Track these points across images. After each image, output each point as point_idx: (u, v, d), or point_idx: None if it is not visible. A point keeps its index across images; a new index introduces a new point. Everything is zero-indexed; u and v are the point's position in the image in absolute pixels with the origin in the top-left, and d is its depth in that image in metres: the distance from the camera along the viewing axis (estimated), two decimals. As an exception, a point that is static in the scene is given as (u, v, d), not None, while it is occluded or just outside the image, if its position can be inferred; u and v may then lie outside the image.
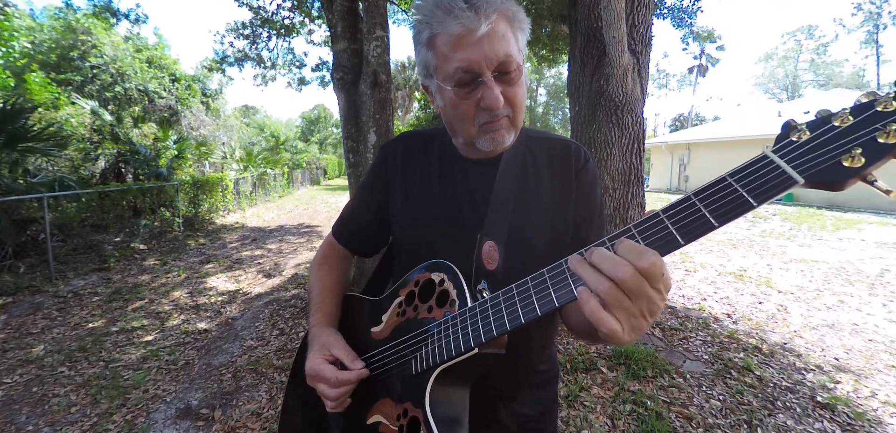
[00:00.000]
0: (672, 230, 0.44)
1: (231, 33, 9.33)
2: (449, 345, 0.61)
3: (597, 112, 3.62)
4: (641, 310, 0.44)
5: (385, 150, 0.88)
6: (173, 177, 9.31)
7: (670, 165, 19.09)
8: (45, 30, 12.40)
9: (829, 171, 0.39)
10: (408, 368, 0.67)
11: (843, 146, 0.39)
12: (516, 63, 0.66)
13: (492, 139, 0.69)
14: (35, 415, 2.54)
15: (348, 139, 4.04)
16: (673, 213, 0.45)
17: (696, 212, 0.43)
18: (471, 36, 0.62)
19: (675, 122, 41.04)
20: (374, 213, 0.87)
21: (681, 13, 7.14)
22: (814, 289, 4.70)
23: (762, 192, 0.40)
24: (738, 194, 0.41)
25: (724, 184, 0.43)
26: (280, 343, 3.50)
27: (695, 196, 0.44)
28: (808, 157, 0.40)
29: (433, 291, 0.68)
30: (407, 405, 0.65)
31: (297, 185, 21.14)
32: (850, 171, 0.38)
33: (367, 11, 3.65)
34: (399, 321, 0.73)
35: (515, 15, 0.66)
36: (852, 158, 0.38)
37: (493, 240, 0.70)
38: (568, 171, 0.78)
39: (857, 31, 34.42)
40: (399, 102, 29.26)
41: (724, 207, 0.41)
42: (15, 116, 5.75)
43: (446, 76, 0.66)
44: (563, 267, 0.51)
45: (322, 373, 0.71)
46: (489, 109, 0.66)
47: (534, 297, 0.52)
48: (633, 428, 2.30)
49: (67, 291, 4.86)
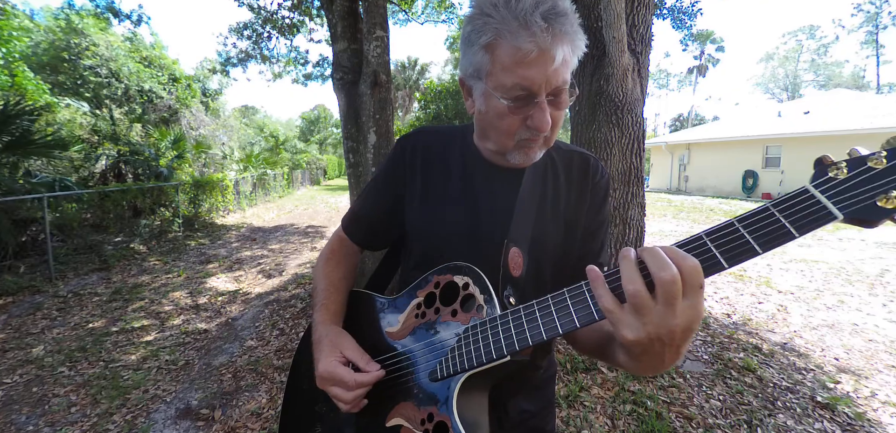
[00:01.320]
0: (716, 253, 0.46)
1: (234, 34, 9.34)
2: (479, 351, 0.61)
3: (597, 112, 3.62)
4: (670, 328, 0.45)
5: (402, 145, 0.85)
6: (173, 177, 9.31)
7: (670, 165, 19.09)
8: (41, 30, 12.40)
9: (866, 209, 0.42)
10: (432, 373, 0.67)
11: (880, 187, 0.42)
12: (568, 88, 0.65)
13: (526, 155, 0.69)
14: (35, 416, 2.54)
15: (348, 139, 4.04)
16: (717, 236, 0.47)
17: (739, 237, 0.46)
18: (541, 57, 0.59)
19: (675, 122, 41.05)
20: (388, 208, 0.85)
21: (680, 14, 7.14)
22: (814, 290, 4.70)
23: (804, 224, 0.43)
24: (781, 224, 0.44)
25: (767, 213, 0.46)
26: (280, 343, 3.50)
27: (739, 222, 0.46)
28: (847, 195, 0.43)
29: (456, 294, 0.68)
30: (432, 409, 0.65)
31: (297, 185, 21.13)
32: (884, 211, 0.41)
33: (367, 11, 3.65)
34: (418, 323, 0.72)
35: (577, 38, 0.63)
36: (887, 199, 0.41)
37: (519, 247, 0.71)
38: (585, 182, 0.79)
39: (857, 32, 34.44)
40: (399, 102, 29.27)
41: (769, 235, 0.44)
42: (16, 118, 5.75)
43: (501, 87, 0.63)
44: (582, 289, 0.53)
45: (338, 375, 0.69)
46: (536, 129, 0.64)
47: (571, 309, 0.53)
48: (633, 428, 2.30)
49: (67, 291, 4.86)
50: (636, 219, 3.73)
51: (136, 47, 13.89)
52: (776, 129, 14.90)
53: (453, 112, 10.63)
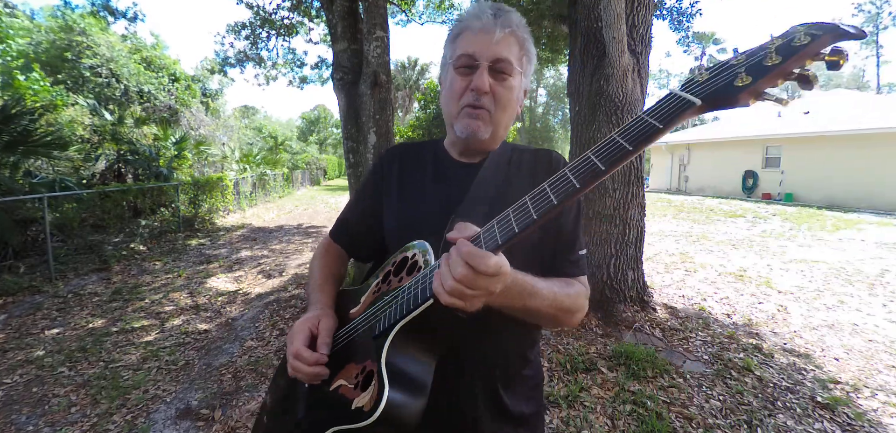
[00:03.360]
0: (595, 160, 0.52)
1: (231, 34, 9.34)
2: (408, 300, 0.64)
3: (597, 112, 3.62)
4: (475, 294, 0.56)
5: (382, 158, 0.96)
6: (173, 177, 9.31)
7: (670, 165, 19.09)
8: (42, 30, 12.40)
9: (723, 90, 0.47)
10: (372, 331, 0.70)
11: (734, 71, 0.47)
12: (511, 68, 0.78)
13: (467, 125, 0.79)
14: (35, 416, 2.54)
15: (348, 139, 4.04)
16: (597, 148, 0.53)
17: (616, 143, 0.51)
18: (484, 35, 0.77)
19: (674, 122, 40.98)
20: (370, 217, 0.93)
21: (679, 16, 7.13)
22: (814, 290, 4.70)
23: (668, 116, 0.49)
24: (648, 123, 0.50)
25: (638, 119, 0.51)
26: (280, 343, 3.50)
27: (616, 133, 0.52)
28: (705, 85, 0.49)
29: (405, 265, 0.73)
30: (366, 362, 0.68)
31: (297, 185, 21.13)
32: (741, 87, 0.46)
33: (367, 12, 3.65)
34: (374, 298, 0.77)
35: (526, 43, 0.81)
36: (741, 79, 0.46)
37: (469, 220, 0.72)
38: (545, 170, 0.84)
39: (857, 32, 34.38)
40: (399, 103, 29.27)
41: (639, 135, 0.50)
42: (16, 119, 5.75)
43: (454, 60, 0.79)
44: (508, 214, 0.59)
45: (295, 337, 0.75)
46: (476, 90, 0.77)
47: (482, 243, 0.59)
48: (633, 428, 2.30)
49: (67, 291, 4.86)
50: (636, 219, 3.74)
51: (137, 48, 13.89)
52: (776, 129, 14.88)
53: (453, 112, 10.60)
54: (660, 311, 3.87)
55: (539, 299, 0.69)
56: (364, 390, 0.64)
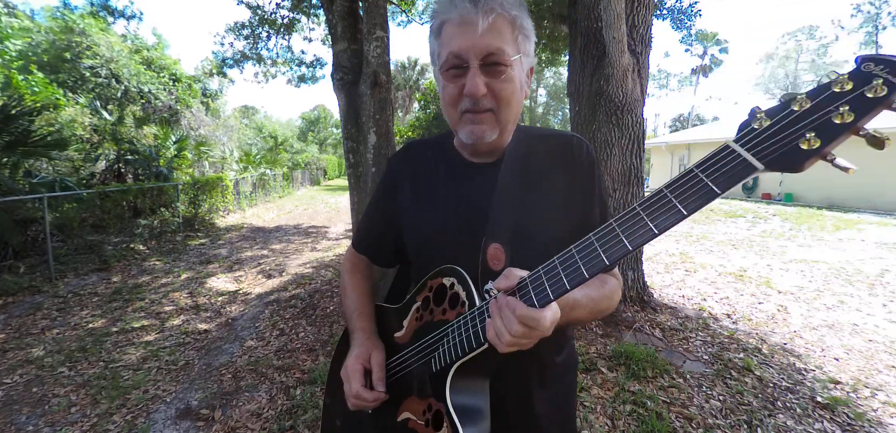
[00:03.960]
0: (647, 221, 0.48)
1: (230, 33, 9.33)
2: (462, 342, 0.66)
3: (597, 112, 3.62)
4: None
5: (391, 163, 0.93)
6: (173, 177, 9.31)
7: (670, 166, 19.09)
8: (42, 30, 12.40)
9: (788, 155, 0.41)
10: (428, 367, 0.72)
11: (799, 131, 0.41)
12: (506, 58, 0.68)
13: (471, 132, 0.72)
14: (35, 416, 2.54)
15: (348, 140, 4.04)
16: (648, 205, 0.49)
17: (667, 202, 0.47)
18: (466, 26, 0.66)
19: (675, 122, 41.06)
20: (388, 224, 0.91)
21: (680, 15, 7.13)
22: (814, 290, 4.70)
23: (726, 179, 0.43)
24: (704, 184, 0.45)
25: (691, 175, 0.46)
26: (280, 343, 3.50)
27: (666, 188, 0.48)
28: (766, 144, 0.43)
29: (445, 295, 0.73)
30: (430, 400, 0.71)
31: (297, 185, 21.14)
32: (808, 153, 0.40)
33: (367, 12, 3.65)
34: (418, 325, 0.78)
35: (518, 19, 0.69)
36: (808, 141, 0.40)
37: (498, 242, 0.72)
38: (569, 163, 0.80)
39: (856, 33, 34.43)
40: (399, 103, 29.26)
41: (692, 197, 0.45)
42: (16, 118, 5.75)
43: (442, 63, 0.70)
44: (555, 263, 0.57)
45: (352, 379, 0.78)
46: (470, 96, 0.68)
47: (531, 294, 0.58)
48: (633, 428, 2.30)
49: (67, 291, 4.86)
50: (636, 219, 3.73)
51: (138, 48, 13.88)
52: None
53: (453, 112, 10.59)
54: (660, 311, 3.87)
55: (579, 310, 0.70)
56: (436, 429, 0.68)
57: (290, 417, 2.48)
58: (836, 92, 0.40)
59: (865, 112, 0.37)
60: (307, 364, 3.12)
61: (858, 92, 0.38)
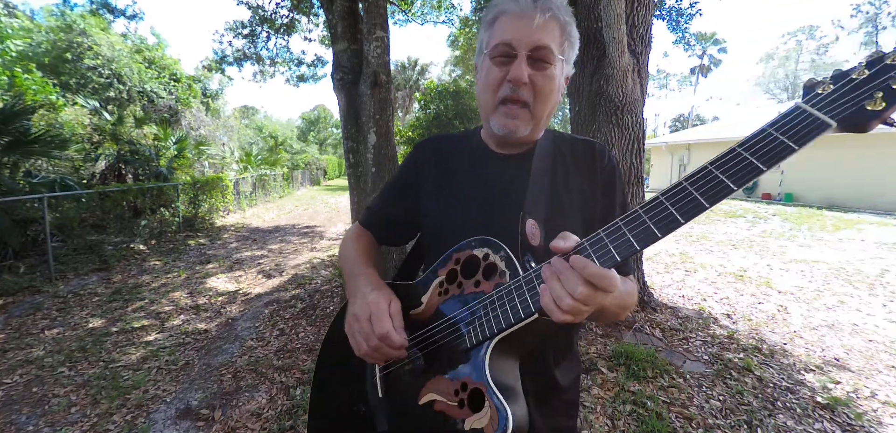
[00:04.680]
0: (723, 178, 0.49)
1: (230, 33, 9.34)
2: (506, 313, 0.62)
3: (597, 112, 3.63)
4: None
5: (418, 151, 0.92)
6: (173, 177, 9.31)
7: (670, 166, 19.08)
8: (42, 31, 12.40)
9: (856, 114, 0.44)
10: (461, 342, 0.67)
11: (866, 92, 0.44)
12: (552, 56, 0.72)
13: (505, 124, 0.75)
14: (35, 416, 2.54)
15: (348, 140, 4.04)
16: (721, 163, 0.50)
17: (744, 160, 0.48)
18: (522, 19, 0.71)
19: (675, 122, 41.05)
20: (404, 211, 0.91)
21: (677, 16, 7.13)
22: (814, 290, 4.70)
23: (802, 136, 0.45)
24: (780, 141, 0.46)
25: (765, 134, 0.48)
26: (280, 343, 3.50)
27: (740, 146, 0.49)
28: (837, 104, 0.45)
29: (477, 267, 0.69)
30: (465, 379, 0.65)
31: (297, 185, 21.14)
32: (873, 113, 0.43)
33: (367, 12, 3.65)
34: (442, 300, 0.73)
35: (568, 26, 0.74)
36: (874, 102, 0.43)
37: (534, 219, 0.72)
38: (593, 167, 0.82)
39: (856, 33, 34.42)
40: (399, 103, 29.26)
41: (770, 153, 0.46)
42: (16, 118, 5.75)
43: (491, 49, 0.74)
44: (600, 235, 0.56)
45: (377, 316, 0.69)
46: (513, 81, 0.71)
47: (593, 257, 0.55)
48: (633, 428, 2.30)
49: (67, 291, 4.86)
50: (636, 219, 3.73)
51: (139, 48, 13.88)
52: (776, 130, 14.89)
53: (453, 112, 10.59)
54: (660, 311, 3.87)
55: (612, 297, 0.69)
56: (473, 410, 0.62)
57: (290, 417, 2.48)
58: (890, 63, 0.45)
59: None
60: (307, 364, 3.12)
61: None
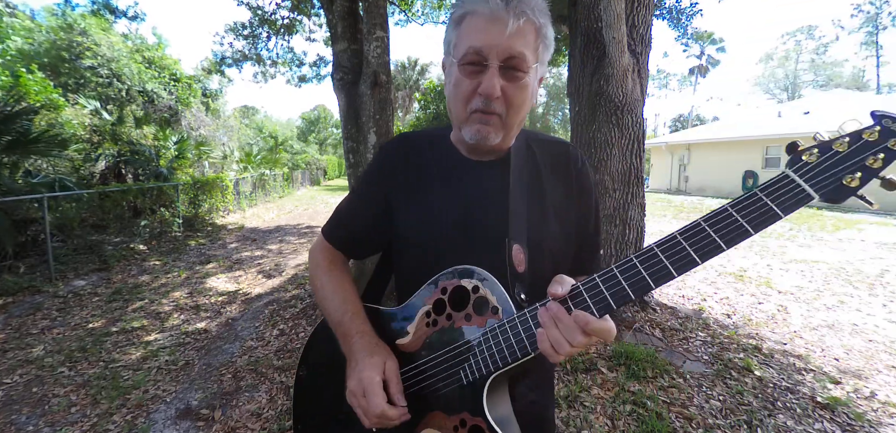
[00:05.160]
0: (715, 237, 0.52)
1: (230, 33, 9.33)
2: (502, 352, 0.63)
3: (597, 112, 3.62)
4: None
5: (384, 153, 0.85)
6: (173, 177, 9.31)
7: (670, 166, 19.08)
8: (43, 30, 12.40)
9: (837, 190, 0.48)
10: (456, 379, 0.67)
11: (846, 169, 0.48)
12: (526, 65, 0.67)
13: (477, 131, 0.70)
14: (35, 416, 2.54)
15: (348, 139, 4.04)
16: (714, 221, 0.53)
17: (734, 221, 0.51)
18: (494, 24, 0.64)
19: (675, 122, 41.04)
20: (372, 217, 0.84)
21: (678, 15, 7.12)
22: (814, 290, 4.70)
23: (789, 205, 0.49)
24: (768, 207, 0.50)
25: (756, 198, 0.51)
26: (280, 343, 3.50)
27: (731, 207, 0.52)
28: (820, 177, 0.49)
29: (467, 299, 0.67)
30: (463, 415, 0.66)
31: (297, 185, 21.13)
32: (849, 189, 0.47)
33: (367, 12, 3.65)
34: (430, 332, 0.71)
35: (543, 29, 0.68)
36: (852, 179, 0.47)
37: (519, 243, 0.70)
38: (568, 172, 0.80)
39: (857, 33, 34.42)
40: (399, 103, 29.27)
41: (759, 217, 0.50)
42: (16, 118, 5.75)
43: (459, 55, 0.68)
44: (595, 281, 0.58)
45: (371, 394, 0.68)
46: (485, 95, 0.66)
47: (589, 303, 0.58)
48: (633, 428, 2.30)
49: (67, 291, 4.86)
50: (636, 219, 3.74)
51: (139, 47, 13.89)
52: (776, 130, 14.89)
53: (453, 112, 10.59)
54: (660, 311, 3.87)
55: None
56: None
57: (290, 417, 2.48)
58: (867, 140, 0.48)
59: (891, 160, 0.46)
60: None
61: (885, 143, 0.47)
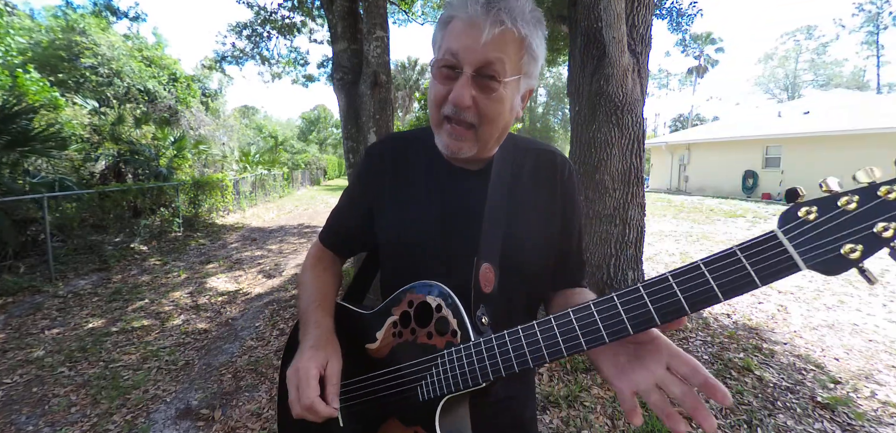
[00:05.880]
0: (681, 298, 0.46)
1: (232, 33, 9.33)
2: (456, 378, 0.63)
3: (597, 112, 3.62)
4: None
5: (371, 154, 0.85)
6: (173, 177, 9.31)
7: (670, 165, 19.08)
8: (43, 30, 12.40)
9: (831, 261, 0.40)
10: (414, 394, 0.68)
11: (847, 237, 0.40)
12: (501, 75, 0.63)
13: (448, 145, 0.69)
14: (35, 416, 2.54)
15: (348, 139, 4.04)
16: (682, 279, 0.47)
17: (704, 282, 0.45)
18: (471, 29, 0.62)
19: (675, 122, 41.05)
20: (361, 217, 0.84)
21: (678, 17, 7.12)
22: (814, 290, 4.70)
23: (769, 274, 0.42)
24: (746, 272, 0.43)
25: (733, 258, 0.44)
26: (280, 343, 3.50)
27: (704, 265, 0.46)
28: (814, 243, 0.41)
29: (431, 316, 0.68)
30: (417, 429, 0.68)
31: (297, 185, 21.14)
32: (848, 262, 0.40)
33: (367, 12, 3.65)
34: (395, 342, 0.72)
35: (527, 39, 0.65)
36: (854, 250, 0.40)
37: (489, 262, 0.68)
38: (553, 181, 0.79)
39: (857, 32, 34.41)
40: (399, 102, 29.27)
41: (732, 283, 0.44)
42: (15, 118, 5.75)
43: (438, 57, 0.67)
44: (570, 317, 0.54)
45: (304, 384, 0.66)
46: (454, 104, 0.64)
47: (542, 345, 0.55)
48: (633, 428, 2.30)
49: (67, 291, 4.86)
50: (636, 219, 3.74)
51: (139, 47, 13.88)
52: (776, 130, 14.90)
53: (453, 112, 10.63)
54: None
55: None
56: None
57: (290, 417, 2.48)
58: (882, 197, 0.40)
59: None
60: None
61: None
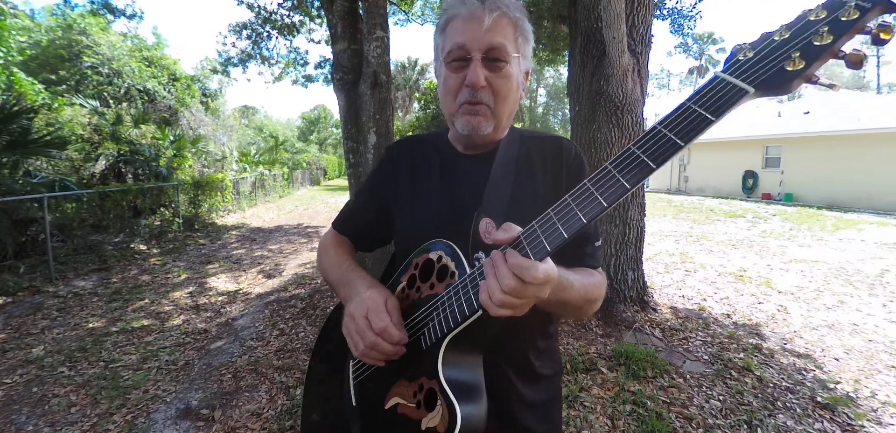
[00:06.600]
0: (644, 158, 0.48)
1: (233, 34, 9.33)
2: (454, 312, 0.62)
3: (597, 112, 3.62)
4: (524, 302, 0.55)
5: (390, 153, 0.92)
6: (173, 177, 9.31)
7: (670, 165, 19.08)
8: (42, 30, 12.39)
9: (776, 76, 0.43)
10: (418, 345, 0.69)
11: (784, 54, 0.44)
12: (506, 55, 0.73)
13: (468, 122, 0.75)
14: (35, 416, 2.54)
15: (348, 139, 4.04)
16: (643, 143, 0.49)
17: (663, 138, 0.47)
18: (472, 22, 0.72)
19: (674, 122, 41.04)
20: (377, 211, 0.92)
21: (680, 18, 7.13)
22: (814, 290, 4.70)
23: (719, 106, 0.45)
24: (698, 113, 0.46)
25: (686, 108, 0.47)
26: (280, 343, 3.50)
27: (660, 124, 0.49)
28: (755, 69, 0.45)
29: (433, 269, 0.70)
30: (422, 380, 0.66)
31: (297, 185, 21.14)
32: (794, 73, 0.42)
33: (367, 12, 3.65)
34: (404, 306, 0.74)
35: (519, 22, 0.75)
36: (793, 62, 0.42)
37: (491, 217, 0.70)
38: (559, 164, 0.82)
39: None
40: (399, 103, 29.26)
41: (688, 127, 0.46)
42: (15, 118, 5.75)
43: (446, 56, 0.75)
44: (549, 215, 0.55)
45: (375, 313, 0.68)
46: (471, 86, 0.72)
47: (527, 248, 0.55)
48: (633, 428, 2.30)
49: (67, 292, 4.86)
50: (636, 219, 3.74)
51: (138, 47, 13.88)
52: (776, 130, 14.89)
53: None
54: (660, 311, 3.87)
55: (572, 291, 0.67)
56: (429, 409, 0.63)
57: (290, 417, 2.48)
58: (812, 20, 0.43)
59: (842, 33, 0.41)
60: (307, 364, 3.12)
61: (834, 16, 0.42)
